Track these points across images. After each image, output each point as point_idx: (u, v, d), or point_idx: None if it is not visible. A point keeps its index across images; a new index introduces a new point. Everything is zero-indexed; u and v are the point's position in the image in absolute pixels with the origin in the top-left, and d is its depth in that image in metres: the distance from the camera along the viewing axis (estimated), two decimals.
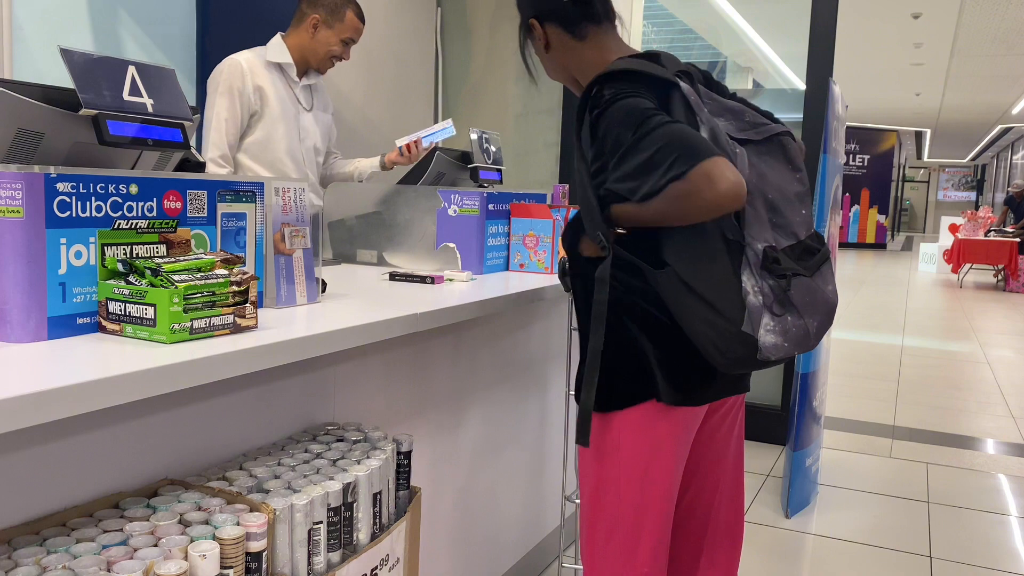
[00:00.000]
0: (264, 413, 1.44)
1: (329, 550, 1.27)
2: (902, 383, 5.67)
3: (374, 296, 1.77)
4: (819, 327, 1.42)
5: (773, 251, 1.38)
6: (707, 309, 1.34)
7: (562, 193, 2.67)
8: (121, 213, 1.24)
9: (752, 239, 1.37)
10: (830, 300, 1.45)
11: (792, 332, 1.37)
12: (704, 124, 1.37)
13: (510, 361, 2.26)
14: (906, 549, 2.93)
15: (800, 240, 1.43)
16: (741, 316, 1.34)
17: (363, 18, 2.84)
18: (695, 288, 1.35)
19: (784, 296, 1.37)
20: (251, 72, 2.70)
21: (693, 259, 1.37)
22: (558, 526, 2.69)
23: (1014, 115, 17.23)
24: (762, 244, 1.37)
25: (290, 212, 1.56)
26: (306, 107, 2.89)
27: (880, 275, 13.96)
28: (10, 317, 1.13)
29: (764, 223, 1.40)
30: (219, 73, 2.70)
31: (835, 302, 1.46)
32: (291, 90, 2.83)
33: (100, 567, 0.99)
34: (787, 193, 1.44)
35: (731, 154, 1.36)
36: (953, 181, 32.00)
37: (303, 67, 2.85)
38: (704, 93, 1.44)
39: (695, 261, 1.36)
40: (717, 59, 4.54)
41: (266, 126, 2.75)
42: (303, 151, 2.87)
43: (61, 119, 1.33)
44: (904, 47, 10.65)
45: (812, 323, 1.40)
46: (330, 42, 2.78)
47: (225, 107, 2.67)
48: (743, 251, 1.36)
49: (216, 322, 1.23)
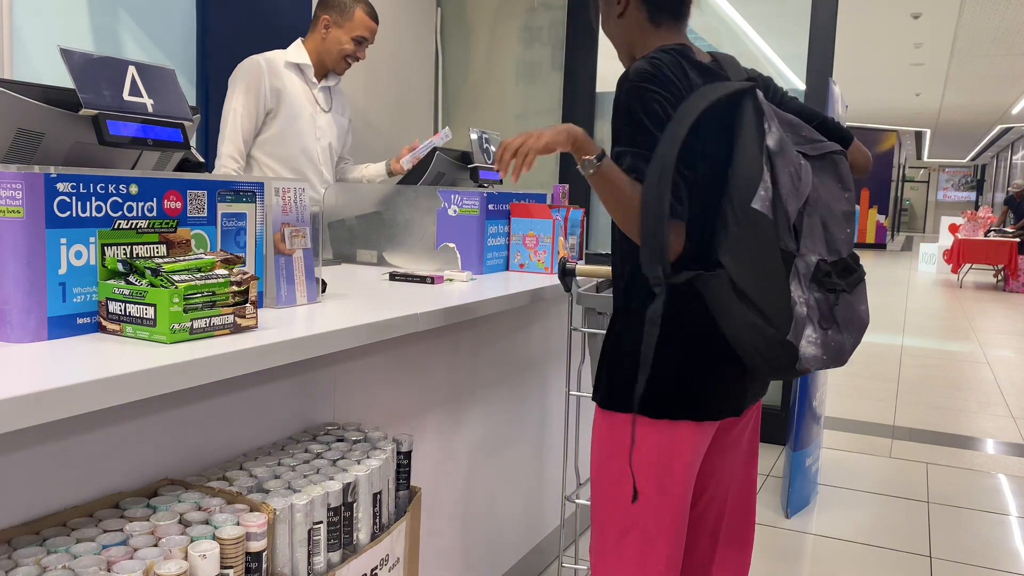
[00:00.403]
0: (264, 413, 1.44)
1: (329, 550, 1.27)
2: (902, 383, 5.67)
3: (374, 296, 1.77)
4: (853, 344, 1.44)
5: (826, 264, 1.39)
6: (756, 315, 1.34)
7: (562, 193, 2.67)
8: (121, 213, 1.24)
9: (807, 251, 1.38)
10: (864, 319, 1.46)
11: (831, 346, 1.39)
12: (772, 133, 1.38)
13: (510, 361, 2.26)
14: (906, 549, 2.93)
15: (842, 257, 1.45)
16: (789, 325, 1.34)
17: (375, 16, 2.90)
18: (747, 293, 1.35)
19: (830, 310, 1.38)
20: (269, 71, 2.76)
21: (748, 264, 1.36)
22: (558, 526, 2.69)
23: (1014, 115, 17.23)
24: (816, 257, 1.38)
25: (290, 212, 1.56)
26: (324, 108, 2.96)
27: (880, 275, 13.96)
28: (10, 317, 1.13)
29: (819, 237, 1.41)
30: (239, 71, 2.76)
31: (867, 322, 1.48)
32: (309, 91, 2.90)
33: (100, 567, 0.99)
34: (835, 211, 1.45)
35: (797, 165, 1.38)
36: (953, 181, 32.00)
37: (321, 69, 2.92)
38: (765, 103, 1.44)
39: (750, 266, 1.36)
40: None
41: (282, 123, 2.79)
42: (319, 149, 2.92)
43: (61, 119, 1.33)
44: (904, 47, 10.65)
45: (848, 339, 1.42)
46: (342, 41, 2.84)
47: (241, 104, 2.73)
48: (794, 261, 1.37)
49: (216, 322, 1.23)
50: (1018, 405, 5.19)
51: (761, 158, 1.35)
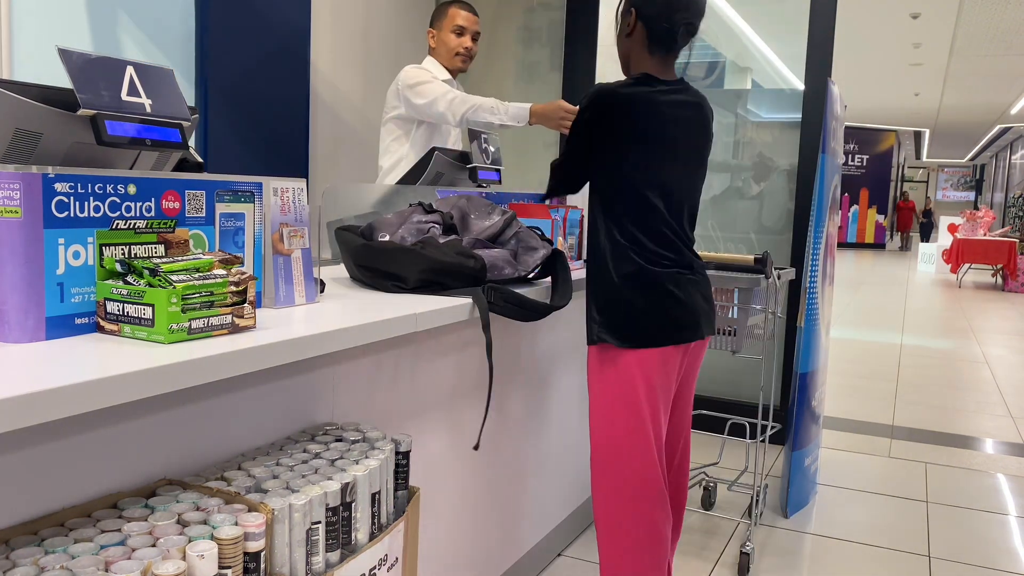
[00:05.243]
0: (262, 413, 1.44)
1: (327, 550, 1.27)
2: (901, 383, 5.67)
3: (373, 296, 1.77)
4: None
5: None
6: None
7: None
8: (119, 213, 1.24)
9: None
10: None
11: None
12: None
13: (509, 360, 2.26)
14: (905, 548, 2.93)
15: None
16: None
17: (469, 8, 3.14)
18: None
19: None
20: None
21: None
22: (557, 526, 2.69)
23: (1013, 115, 17.24)
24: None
25: (288, 212, 1.56)
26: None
27: (879, 275, 13.96)
28: (8, 317, 1.13)
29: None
30: (411, 68, 3.09)
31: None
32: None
33: (98, 567, 0.99)
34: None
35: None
36: (952, 181, 32.01)
37: (452, 75, 3.20)
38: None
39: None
40: (717, 59, 4.54)
41: (428, 127, 3.16)
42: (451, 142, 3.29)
43: (59, 119, 1.32)
44: (903, 47, 10.65)
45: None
46: (446, 41, 3.12)
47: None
48: None
49: (214, 322, 1.23)
50: (1017, 405, 5.20)
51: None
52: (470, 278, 1.80)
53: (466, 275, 1.79)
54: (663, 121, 1.89)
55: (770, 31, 4.65)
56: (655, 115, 1.88)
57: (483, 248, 1.91)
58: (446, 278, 1.79)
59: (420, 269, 1.77)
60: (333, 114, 4.01)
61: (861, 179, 23.32)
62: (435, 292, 1.79)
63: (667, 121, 1.90)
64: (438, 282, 1.79)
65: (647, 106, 1.87)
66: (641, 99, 1.87)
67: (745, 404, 4.12)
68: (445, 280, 1.79)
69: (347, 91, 4.07)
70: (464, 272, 1.79)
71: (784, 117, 4.18)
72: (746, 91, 4.67)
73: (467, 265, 1.79)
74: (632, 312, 1.90)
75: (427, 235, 1.90)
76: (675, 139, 1.92)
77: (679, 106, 1.93)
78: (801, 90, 3.98)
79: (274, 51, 3.56)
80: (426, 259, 1.77)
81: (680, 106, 1.93)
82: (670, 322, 1.91)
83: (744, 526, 3.07)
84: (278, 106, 3.61)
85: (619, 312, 1.91)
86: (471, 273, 1.80)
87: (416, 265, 1.77)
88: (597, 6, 4.45)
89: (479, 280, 1.81)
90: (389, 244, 1.83)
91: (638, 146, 1.89)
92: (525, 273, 1.94)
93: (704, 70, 4.44)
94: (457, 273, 1.79)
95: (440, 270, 1.77)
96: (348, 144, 4.07)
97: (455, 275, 1.79)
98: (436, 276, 1.78)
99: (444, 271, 1.78)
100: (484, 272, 1.82)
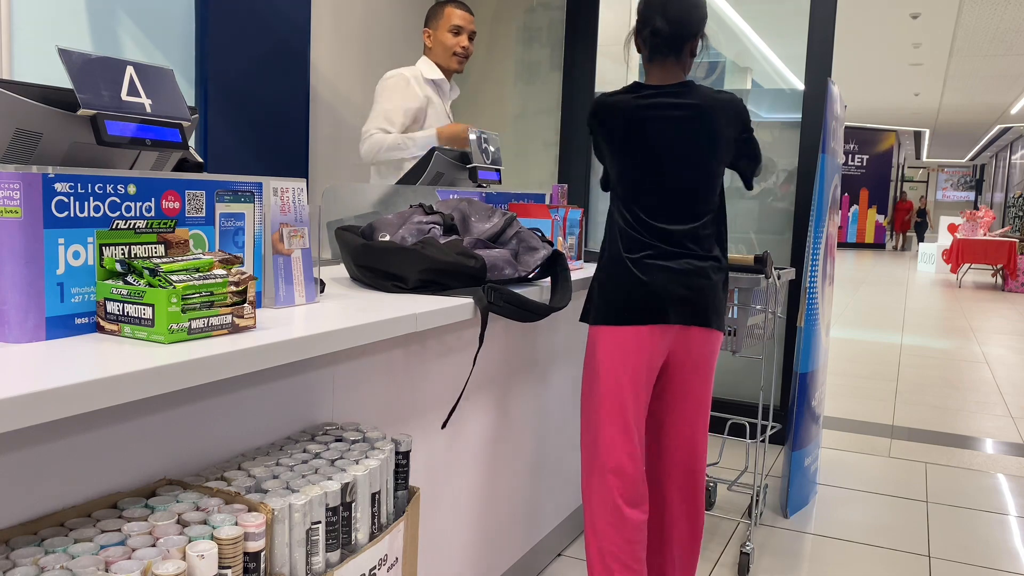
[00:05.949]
0: (262, 413, 1.44)
1: (327, 550, 1.27)
2: (901, 383, 5.67)
3: (373, 296, 1.77)
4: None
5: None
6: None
7: (561, 193, 2.67)
8: (119, 213, 1.24)
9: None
10: None
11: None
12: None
13: (509, 361, 2.26)
14: (905, 548, 2.93)
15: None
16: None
17: (465, 7, 3.15)
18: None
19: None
20: (416, 85, 3.09)
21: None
22: (557, 526, 2.69)
23: (1013, 115, 17.24)
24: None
25: (288, 212, 1.56)
26: (450, 118, 3.31)
27: (879, 275, 13.96)
28: (8, 317, 1.13)
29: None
30: (387, 81, 3.07)
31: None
32: (443, 104, 3.22)
33: (98, 567, 0.99)
34: None
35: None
36: (952, 181, 32.00)
37: (447, 75, 3.20)
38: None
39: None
40: (716, 60, 4.54)
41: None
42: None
43: (59, 119, 1.32)
44: (903, 47, 10.65)
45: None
46: (443, 40, 3.12)
47: (393, 107, 3.03)
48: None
49: (214, 322, 1.23)
50: (1017, 405, 5.20)
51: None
52: (470, 278, 1.80)
53: (466, 275, 1.80)
54: (642, 125, 2.04)
55: (770, 31, 4.65)
56: (633, 120, 2.04)
57: (483, 248, 1.91)
58: (446, 278, 1.79)
59: (420, 269, 1.77)
60: (333, 114, 4.01)
61: (861, 179, 23.32)
62: (435, 292, 1.79)
63: (647, 125, 2.04)
64: (438, 282, 1.79)
65: (625, 112, 2.04)
66: (619, 106, 2.05)
67: (745, 404, 4.12)
68: (445, 280, 1.79)
69: (347, 91, 4.07)
70: (464, 272, 1.79)
71: (784, 117, 4.18)
72: (746, 91, 4.67)
73: (467, 265, 1.79)
74: (601, 293, 2.09)
75: (427, 235, 1.90)
76: (658, 141, 2.04)
77: (665, 108, 2.03)
78: (801, 90, 3.98)
79: (274, 51, 3.56)
80: (426, 259, 1.77)
81: (666, 108, 2.03)
82: (629, 303, 2.03)
83: (744, 526, 3.07)
84: (278, 106, 3.61)
85: (592, 292, 2.13)
86: (471, 273, 1.80)
87: (416, 265, 1.78)
88: (597, 6, 4.45)
89: (479, 280, 1.81)
90: (389, 244, 1.83)
91: (619, 148, 2.08)
92: (525, 273, 1.95)
93: (704, 70, 4.44)
94: (457, 273, 1.79)
95: (440, 270, 1.78)
96: (348, 144, 4.07)
97: (455, 275, 1.79)
98: (436, 276, 1.78)
99: (444, 271, 1.78)
100: (484, 272, 1.82)
